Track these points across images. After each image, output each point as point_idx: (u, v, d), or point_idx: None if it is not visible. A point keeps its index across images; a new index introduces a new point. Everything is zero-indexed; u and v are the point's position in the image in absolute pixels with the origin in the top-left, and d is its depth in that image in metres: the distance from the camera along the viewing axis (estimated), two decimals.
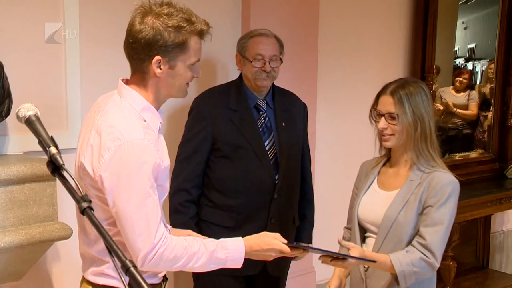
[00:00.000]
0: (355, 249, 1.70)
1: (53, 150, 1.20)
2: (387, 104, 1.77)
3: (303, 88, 2.90)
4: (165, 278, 1.70)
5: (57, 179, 1.23)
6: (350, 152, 3.24)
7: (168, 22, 1.47)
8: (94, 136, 1.49)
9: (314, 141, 2.99)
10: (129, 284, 1.10)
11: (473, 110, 4.00)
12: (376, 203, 1.82)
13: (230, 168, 2.20)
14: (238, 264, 1.58)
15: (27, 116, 1.26)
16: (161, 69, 1.49)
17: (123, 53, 2.48)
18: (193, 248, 1.52)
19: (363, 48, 3.28)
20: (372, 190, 1.87)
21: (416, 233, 1.75)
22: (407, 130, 1.75)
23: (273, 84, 2.32)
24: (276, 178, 2.23)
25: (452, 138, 3.88)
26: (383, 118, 1.78)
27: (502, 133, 3.95)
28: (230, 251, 1.56)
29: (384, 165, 1.89)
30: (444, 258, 3.23)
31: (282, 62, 2.28)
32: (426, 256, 1.69)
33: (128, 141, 1.43)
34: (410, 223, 1.75)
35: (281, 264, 2.37)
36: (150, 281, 1.57)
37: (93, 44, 2.35)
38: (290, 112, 2.34)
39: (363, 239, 1.86)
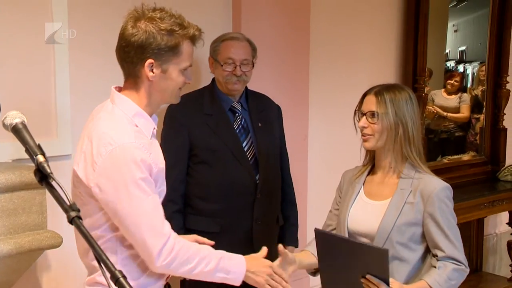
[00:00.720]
0: (395, 284, 1.65)
1: (40, 158, 1.18)
2: (370, 103, 1.76)
3: (295, 92, 2.89)
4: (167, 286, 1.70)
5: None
6: (342, 157, 3.22)
7: (161, 25, 1.48)
8: (86, 143, 1.50)
9: (306, 146, 2.98)
10: None
11: (464, 112, 4.00)
12: (368, 214, 1.78)
13: (210, 173, 2.20)
14: (238, 278, 1.58)
15: (13, 124, 1.24)
16: (153, 72, 1.50)
17: (113, 59, 2.46)
18: (204, 251, 1.54)
19: (355, 52, 3.28)
20: (361, 201, 1.83)
21: (416, 244, 1.73)
22: (388, 131, 1.73)
23: (246, 87, 2.33)
24: (257, 178, 2.24)
25: (444, 141, 3.88)
26: (364, 117, 1.77)
27: (494, 136, 3.96)
28: (234, 263, 1.58)
29: (369, 174, 1.86)
30: None
31: (253, 66, 2.28)
32: (457, 265, 1.70)
33: (119, 145, 1.45)
34: (407, 233, 1.72)
35: None
36: None
37: (83, 50, 2.33)
38: (265, 113, 2.35)
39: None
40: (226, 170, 2.20)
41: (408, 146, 1.74)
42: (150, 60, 1.49)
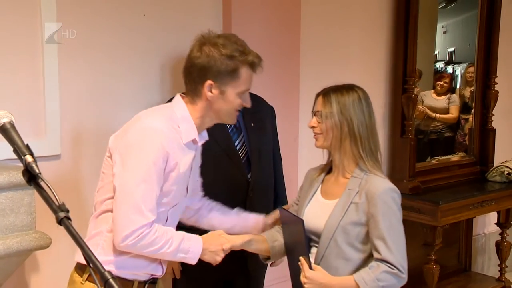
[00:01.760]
0: (318, 269, 1.71)
1: (28, 158, 1.17)
2: (318, 103, 1.80)
3: (285, 94, 2.89)
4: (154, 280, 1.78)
5: None
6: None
7: (223, 50, 1.65)
8: (124, 126, 1.71)
9: (296, 147, 2.99)
10: None
11: (453, 113, 4.03)
12: (318, 213, 1.81)
13: (202, 171, 2.19)
14: (195, 257, 1.71)
15: (1, 124, 1.23)
16: (212, 93, 1.66)
17: (102, 58, 2.46)
18: (168, 233, 1.65)
19: (345, 54, 3.29)
20: (315, 200, 1.86)
21: (361, 243, 1.74)
22: (333, 130, 1.76)
23: None
24: (249, 176, 2.25)
25: (433, 142, 3.90)
26: (314, 117, 1.81)
27: (482, 136, 3.99)
28: (193, 243, 1.70)
29: (328, 173, 1.89)
30: (427, 261, 3.29)
31: None
32: (390, 268, 1.68)
33: (150, 127, 1.62)
34: (352, 233, 1.73)
35: (261, 263, 2.37)
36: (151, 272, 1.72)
37: (72, 50, 2.31)
38: (258, 113, 2.36)
39: (309, 249, 1.83)
40: (218, 168, 2.21)
41: (355, 146, 1.75)
42: (209, 82, 1.65)
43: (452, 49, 4.08)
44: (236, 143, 2.26)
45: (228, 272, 2.26)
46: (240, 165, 2.25)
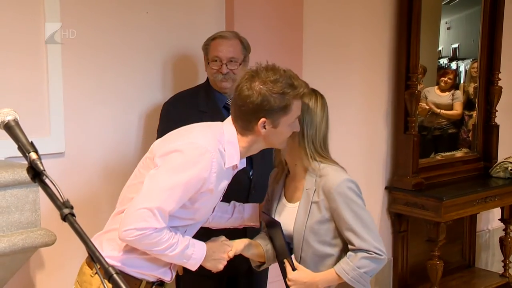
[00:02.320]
0: (300, 268, 1.74)
1: (33, 155, 1.18)
2: None
3: None
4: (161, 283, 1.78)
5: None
6: (334, 154, 3.24)
7: (274, 88, 1.63)
8: (174, 133, 1.75)
9: None
10: None
11: (457, 109, 4.02)
12: (286, 217, 1.83)
13: None
14: (196, 264, 1.70)
15: (5, 121, 1.24)
16: (265, 128, 1.67)
17: (105, 57, 2.47)
18: (174, 238, 1.63)
19: (348, 51, 3.28)
20: (281, 204, 1.88)
21: (334, 238, 1.76)
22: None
23: None
24: (250, 174, 2.25)
25: (437, 138, 3.90)
26: None
27: (486, 132, 3.98)
28: (196, 250, 1.69)
29: (287, 175, 1.90)
30: (430, 257, 3.29)
31: (242, 64, 2.28)
32: (368, 253, 1.72)
33: (199, 145, 1.62)
34: (321, 231, 1.75)
35: None
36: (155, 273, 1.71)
37: (75, 49, 2.32)
38: None
39: (290, 250, 1.84)
40: None
41: (304, 145, 1.76)
42: (263, 119, 1.65)
43: (456, 45, 4.07)
44: None
45: (231, 269, 2.26)
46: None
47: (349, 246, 1.74)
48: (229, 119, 1.73)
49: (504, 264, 3.91)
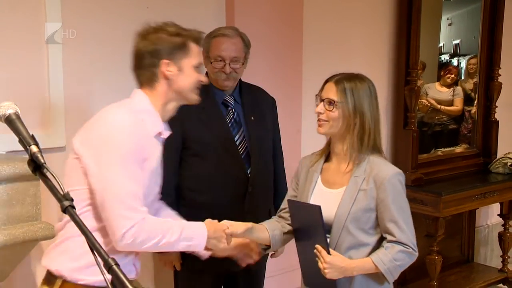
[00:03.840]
0: (334, 253, 1.73)
1: (34, 148, 1.19)
2: (330, 91, 1.79)
3: (288, 86, 2.91)
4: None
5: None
6: None
7: (168, 29, 1.69)
8: (86, 125, 1.67)
9: (299, 139, 3.00)
10: (112, 283, 1.10)
11: (458, 105, 4.03)
12: (326, 202, 1.81)
13: (202, 165, 2.21)
14: (201, 243, 1.69)
15: (7, 115, 1.25)
16: (170, 71, 1.67)
17: (105, 51, 2.47)
18: (166, 224, 1.65)
19: (348, 47, 3.29)
20: (319, 189, 1.86)
21: (373, 228, 1.77)
22: (347, 120, 1.76)
23: (240, 79, 2.34)
24: (248, 171, 2.25)
25: (437, 134, 3.90)
26: (322, 103, 1.79)
27: (486, 128, 3.99)
28: (196, 229, 1.70)
29: (325, 161, 1.89)
30: (429, 252, 3.30)
31: (244, 62, 2.28)
32: (405, 247, 1.75)
33: (114, 119, 1.59)
34: (363, 219, 1.76)
35: (261, 257, 2.38)
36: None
37: (76, 44, 2.33)
38: (259, 106, 2.36)
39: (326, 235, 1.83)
40: (218, 163, 2.21)
41: (363, 136, 1.77)
42: (165, 61, 1.66)
43: (458, 41, 4.07)
44: (236, 138, 2.26)
45: (229, 267, 2.27)
46: (239, 160, 2.25)
47: (388, 238, 1.76)
48: (135, 90, 1.72)
49: (503, 259, 3.91)
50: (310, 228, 1.80)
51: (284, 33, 2.85)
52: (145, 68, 1.68)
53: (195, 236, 1.69)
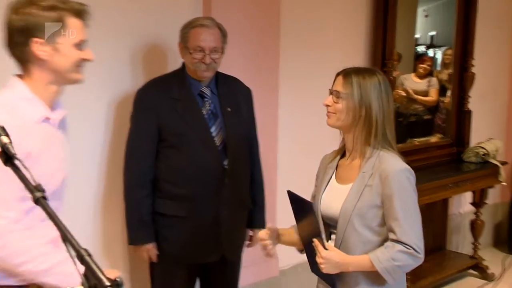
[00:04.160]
0: (331, 248, 1.71)
1: (4, 139, 1.18)
2: (338, 83, 1.78)
3: (265, 76, 2.91)
4: None
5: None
6: (312, 141, 3.28)
7: (42, 3, 1.47)
8: None
9: (276, 131, 3.01)
10: (85, 274, 1.10)
11: (433, 96, 4.10)
12: (334, 198, 1.80)
13: (178, 157, 2.21)
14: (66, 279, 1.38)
15: None
16: (43, 51, 1.48)
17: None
18: (40, 249, 1.43)
19: (325, 38, 3.30)
20: (331, 185, 1.84)
21: (380, 226, 1.73)
22: (353, 112, 1.74)
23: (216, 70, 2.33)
24: (225, 163, 2.25)
25: (413, 124, 3.96)
26: (331, 96, 1.79)
27: (459, 118, 4.06)
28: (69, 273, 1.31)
29: (342, 157, 1.88)
30: None
31: (223, 53, 2.27)
32: (406, 248, 1.66)
33: None
34: (368, 215, 1.72)
35: (237, 246, 2.41)
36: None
37: None
38: (235, 97, 2.35)
39: (329, 236, 1.83)
40: (194, 155, 2.21)
41: (368, 130, 1.73)
42: (35, 39, 1.47)
43: (434, 33, 4.12)
44: (212, 129, 2.25)
45: (204, 258, 2.29)
46: (216, 151, 2.24)
47: (390, 236, 1.69)
48: (11, 77, 1.53)
49: (474, 246, 4.01)
50: (308, 221, 1.78)
51: (261, 24, 2.86)
52: (15, 47, 1.49)
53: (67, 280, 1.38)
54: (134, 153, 2.25)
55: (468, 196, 4.11)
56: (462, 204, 4.28)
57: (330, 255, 1.69)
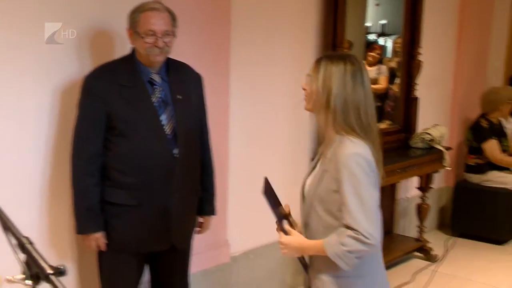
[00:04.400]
0: (292, 232, 1.76)
1: None
2: (312, 67, 1.80)
3: (214, 63, 2.89)
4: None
5: None
6: (263, 128, 3.31)
7: None
8: None
9: (227, 117, 3.01)
10: (26, 262, 1.08)
11: (382, 83, 4.19)
12: (308, 183, 1.84)
13: (128, 146, 2.18)
14: None
15: None
16: None
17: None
18: None
19: (276, 23, 3.30)
20: (314, 170, 1.86)
21: (338, 210, 1.73)
22: (316, 96, 1.75)
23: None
24: (176, 152, 2.22)
25: None
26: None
27: (407, 105, 4.17)
28: None
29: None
30: None
31: (175, 36, 2.24)
32: (355, 233, 1.64)
33: None
34: (328, 200, 1.73)
35: (187, 235, 2.40)
36: None
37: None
38: (185, 84, 2.32)
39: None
40: (144, 144, 2.17)
41: (328, 115, 1.74)
42: None
43: (384, 21, 4.20)
44: (162, 118, 2.21)
45: (152, 246, 2.27)
46: (165, 141, 2.20)
47: (342, 221, 1.68)
48: None
49: (419, 229, 4.16)
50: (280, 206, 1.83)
51: (210, 10, 2.83)
52: None
53: None
54: (81, 141, 2.20)
55: (414, 181, 4.25)
56: (408, 189, 4.42)
57: (288, 240, 1.74)
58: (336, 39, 3.48)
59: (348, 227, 1.66)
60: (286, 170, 3.39)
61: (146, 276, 2.46)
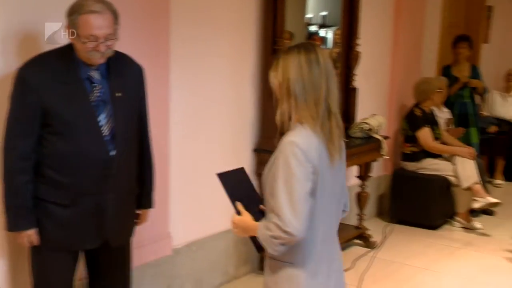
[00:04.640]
0: (243, 215, 1.81)
1: None
2: (273, 65, 1.83)
3: (154, 55, 2.84)
4: None
5: None
6: (205, 120, 3.28)
7: None
8: None
9: (167, 109, 2.97)
10: None
11: None
12: None
13: (63, 144, 2.09)
14: None
15: None
16: None
17: None
18: None
19: (216, 13, 3.28)
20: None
21: None
22: (279, 89, 1.78)
23: None
24: (113, 152, 2.15)
25: None
26: None
27: (346, 95, 4.26)
28: None
29: None
30: None
31: (117, 38, 2.14)
32: (277, 219, 1.67)
33: None
34: (270, 185, 1.76)
35: (123, 232, 2.35)
36: None
37: None
38: (125, 78, 2.24)
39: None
40: (79, 144, 2.09)
41: (293, 102, 1.74)
42: None
43: (325, 13, 4.25)
44: (100, 118, 2.13)
45: (83, 244, 2.23)
46: (102, 141, 2.12)
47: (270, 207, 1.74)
48: None
49: (359, 217, 4.27)
50: (244, 189, 1.90)
51: (149, 2, 2.77)
52: None
53: None
54: (14, 136, 2.09)
55: (354, 170, 4.35)
56: (348, 178, 4.50)
57: (238, 220, 1.81)
58: (276, 30, 3.49)
59: (271, 211, 1.71)
60: (228, 161, 3.38)
61: (83, 273, 2.40)
